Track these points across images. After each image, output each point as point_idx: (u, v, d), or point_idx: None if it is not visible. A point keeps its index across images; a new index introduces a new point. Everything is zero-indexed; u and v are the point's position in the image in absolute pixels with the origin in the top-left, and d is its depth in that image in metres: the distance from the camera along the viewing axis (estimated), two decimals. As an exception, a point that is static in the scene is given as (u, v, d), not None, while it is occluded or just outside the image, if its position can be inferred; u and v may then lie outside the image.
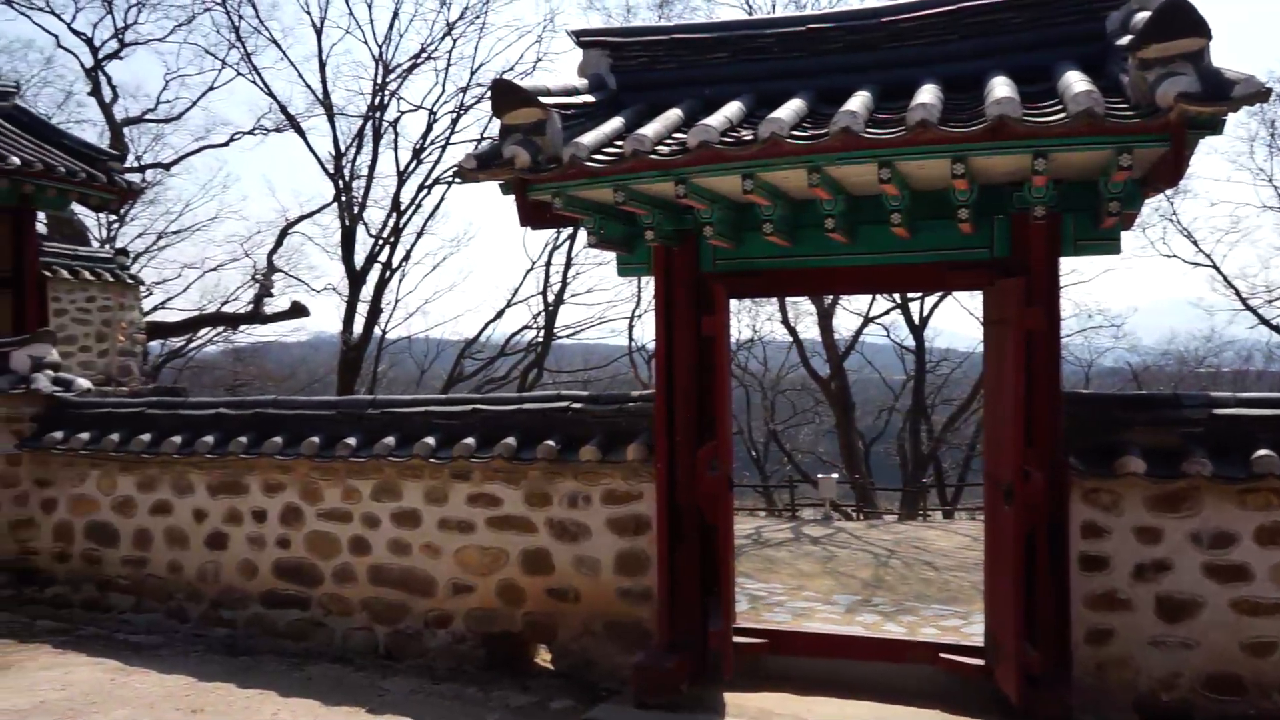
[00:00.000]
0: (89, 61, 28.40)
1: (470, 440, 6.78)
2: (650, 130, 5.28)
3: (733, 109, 5.49)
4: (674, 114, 5.69)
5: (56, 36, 28.96)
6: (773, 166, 5.03)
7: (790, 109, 5.16)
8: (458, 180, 6.56)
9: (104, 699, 6.00)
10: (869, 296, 26.45)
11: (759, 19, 6.77)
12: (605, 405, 6.72)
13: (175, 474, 7.90)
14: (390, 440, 7.02)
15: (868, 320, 28.40)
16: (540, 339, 29.33)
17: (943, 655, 6.05)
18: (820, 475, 22.47)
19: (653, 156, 5.13)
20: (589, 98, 6.14)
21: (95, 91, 28.31)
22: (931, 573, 11.04)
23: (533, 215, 5.77)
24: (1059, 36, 5.50)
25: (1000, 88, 4.76)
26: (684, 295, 6.27)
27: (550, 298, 28.93)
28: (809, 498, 24.77)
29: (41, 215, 14.37)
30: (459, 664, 6.80)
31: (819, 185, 5.11)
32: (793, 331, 28.19)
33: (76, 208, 16.05)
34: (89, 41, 28.37)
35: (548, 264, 28.81)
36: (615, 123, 5.71)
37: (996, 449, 5.80)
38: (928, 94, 4.90)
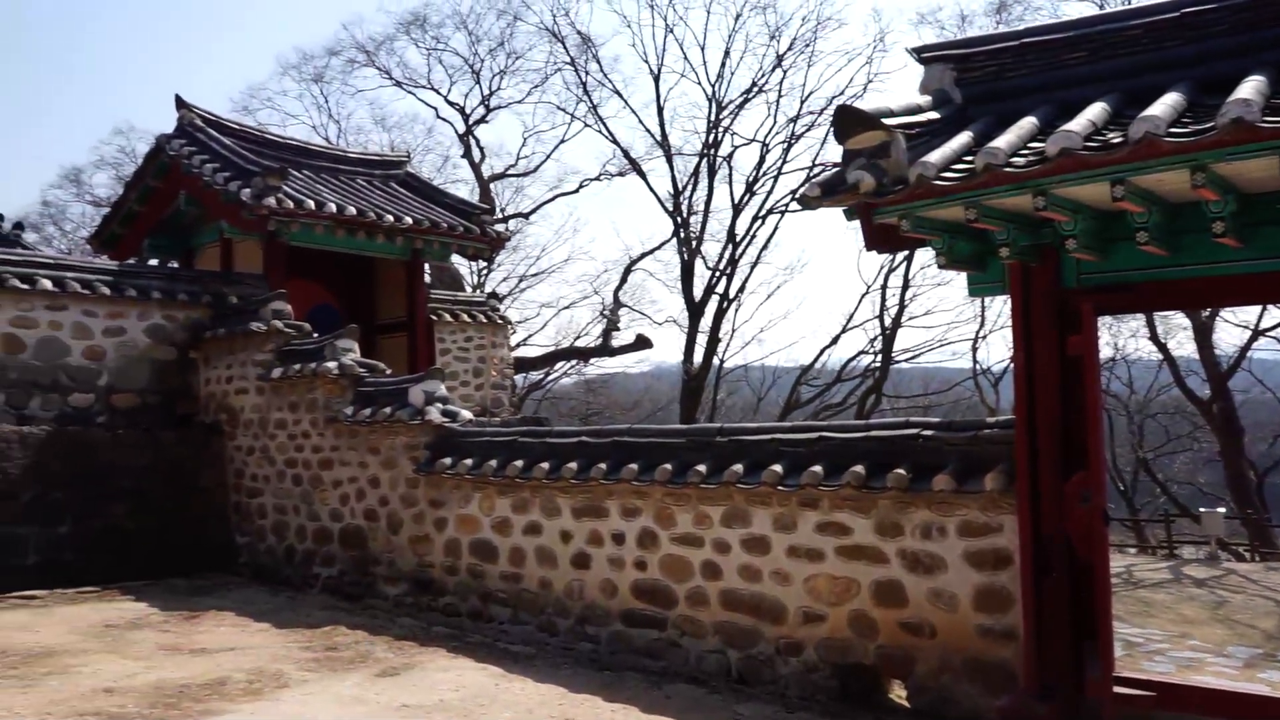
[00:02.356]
0: (461, 128, 32.07)
1: (817, 468, 6.75)
2: (1003, 142, 5.02)
3: (1095, 111, 5.08)
4: (1028, 123, 5.37)
5: (435, 109, 32.82)
6: (1147, 169, 4.59)
7: (1165, 104, 4.68)
8: (799, 208, 6.62)
9: (490, 702, 6.60)
10: (1259, 307, 23.26)
11: (1120, 10, 6.22)
12: (959, 432, 6.42)
13: (544, 497, 8.57)
14: (738, 467, 7.17)
15: (1257, 333, 24.98)
16: (878, 364, 28.74)
17: (1384, 726, 5.13)
18: (1203, 509, 20.05)
19: (1007, 169, 4.87)
20: (933, 115, 5.95)
21: (467, 153, 31.88)
22: (1357, 626, 9.44)
23: (878, 239, 5.68)
24: None
25: None
26: (1044, 314, 5.86)
27: (887, 321, 28.34)
28: (1189, 534, 22.19)
29: (426, 265, 16.26)
30: (811, 693, 6.75)
31: (1205, 186, 4.59)
32: (1163, 348, 25.47)
33: (454, 257, 18.01)
34: (461, 110, 32.03)
35: (884, 287, 28.26)
36: (963, 138, 5.48)
37: None
38: (1342, 71, 4.25)
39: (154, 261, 14.89)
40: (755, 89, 28.58)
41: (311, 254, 13.83)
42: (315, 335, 11.74)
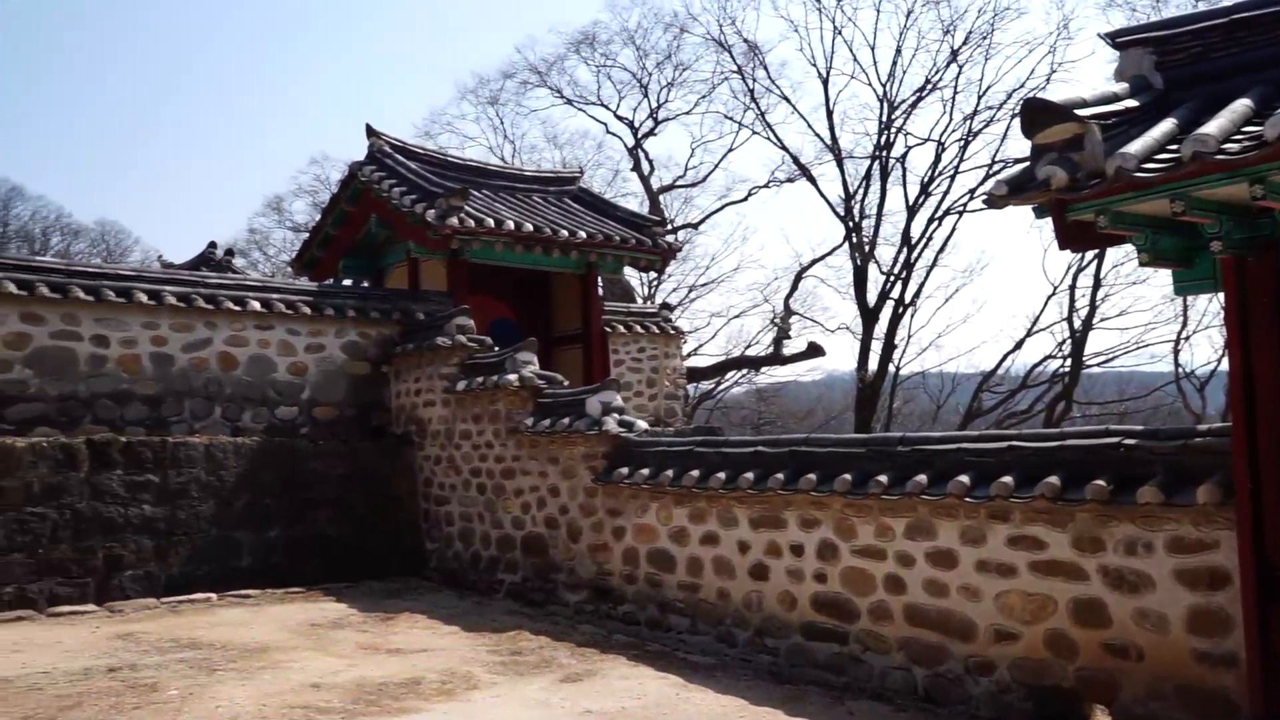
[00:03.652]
0: (630, 141, 32.58)
1: (1008, 479, 6.44)
2: (1213, 127, 4.65)
3: (1322, 88, 4.64)
4: (1240, 105, 4.95)
5: (605, 124, 33.47)
6: (1387, 149, 4.14)
7: None
8: (981, 208, 6.35)
9: (671, 711, 6.62)
10: None
11: (1346, -22, 5.65)
12: (1166, 441, 5.97)
13: (721, 508, 8.55)
14: (922, 478, 6.93)
15: None
16: (1067, 368, 27.25)
17: None
18: None
19: (1219, 157, 4.50)
20: (1130, 102, 5.57)
21: (636, 167, 32.34)
22: None
23: (1072, 237, 5.37)
24: None
25: None
26: (1264, 312, 5.38)
27: (1076, 324, 26.84)
28: None
29: (599, 278, 16.57)
30: (1004, 715, 6.43)
31: None
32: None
33: (626, 269, 18.27)
34: (630, 125, 32.55)
35: (1073, 287, 26.80)
36: (1166, 125, 5.11)
37: None
38: None
39: (348, 282, 15.84)
40: (929, 86, 27.68)
41: (491, 270, 14.36)
42: (496, 349, 12.15)
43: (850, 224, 28.33)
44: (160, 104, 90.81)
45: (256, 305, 12.18)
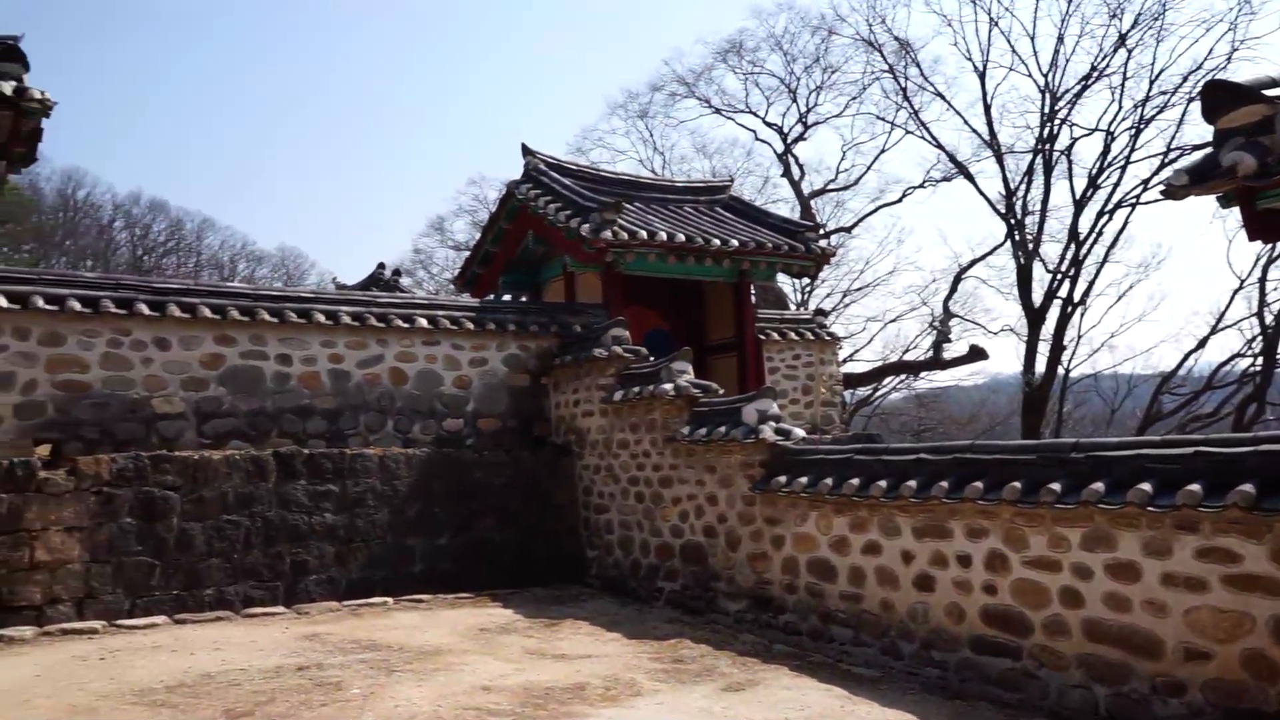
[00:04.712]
0: (779, 147, 32.42)
1: (1195, 487, 6.05)
2: None
3: None
4: None
5: (754, 132, 33.37)
6: None
7: None
8: (1157, 199, 5.99)
9: (835, 724, 6.52)
10: None
11: None
12: (1378, 445, 5.50)
13: (883, 516, 8.37)
14: (1099, 486, 6.59)
15: None
16: (1258, 368, 25.34)
17: None
18: None
19: None
20: (1327, 80, 5.17)
21: (786, 172, 32.14)
22: None
23: (1263, 226, 5.02)
24: None
25: None
26: None
27: (1268, 319, 24.92)
28: None
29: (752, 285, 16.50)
30: (1198, 739, 6.03)
31: None
32: None
33: (779, 276, 18.14)
34: (779, 130, 32.41)
35: (1262, 280, 24.94)
36: (1370, 102, 4.72)
37: None
38: None
39: (507, 297, 16.36)
40: (1095, 74, 26.39)
41: (644, 281, 14.54)
42: (651, 359, 12.28)
43: (1012, 221, 27.30)
44: (330, 135, 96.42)
45: (423, 322, 12.73)
